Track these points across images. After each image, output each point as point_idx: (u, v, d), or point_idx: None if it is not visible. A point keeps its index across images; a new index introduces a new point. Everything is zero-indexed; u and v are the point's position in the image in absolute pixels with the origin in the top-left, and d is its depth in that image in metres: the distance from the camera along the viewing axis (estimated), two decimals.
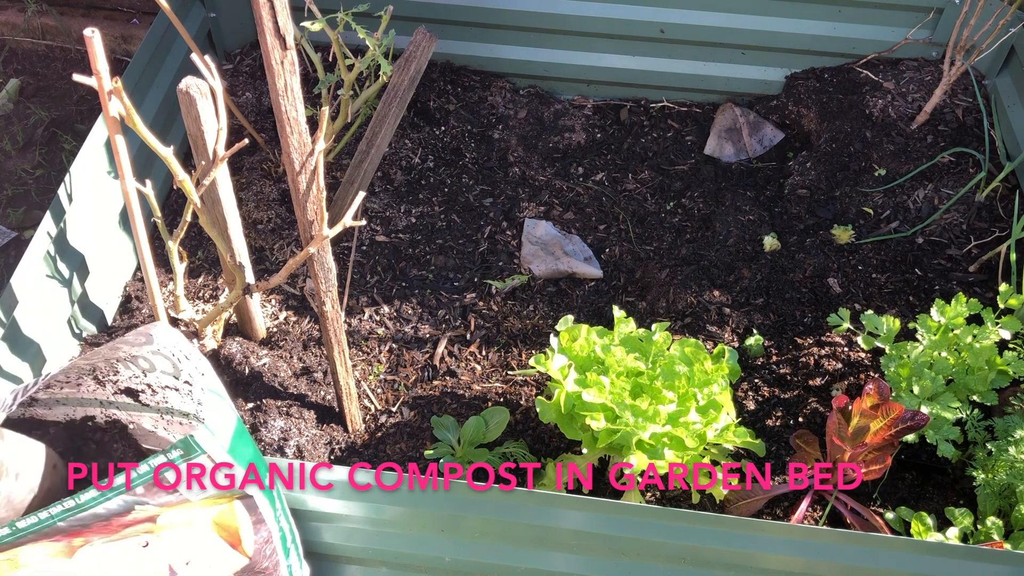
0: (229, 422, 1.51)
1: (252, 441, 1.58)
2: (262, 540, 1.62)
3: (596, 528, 1.72)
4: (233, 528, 1.58)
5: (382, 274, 2.55)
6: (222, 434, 1.48)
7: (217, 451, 1.47)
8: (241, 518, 1.58)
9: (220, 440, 1.47)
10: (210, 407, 1.49)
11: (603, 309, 2.48)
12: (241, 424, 1.55)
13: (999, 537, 1.89)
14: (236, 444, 1.52)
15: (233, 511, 1.57)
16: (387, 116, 2.39)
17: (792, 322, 2.43)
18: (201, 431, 1.43)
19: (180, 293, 2.11)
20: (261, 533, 1.61)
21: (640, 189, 2.81)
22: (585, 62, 3.02)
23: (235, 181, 2.62)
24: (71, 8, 3.33)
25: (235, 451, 1.51)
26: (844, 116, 2.85)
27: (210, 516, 1.57)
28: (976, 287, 2.49)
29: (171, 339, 1.60)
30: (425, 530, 1.78)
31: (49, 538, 1.49)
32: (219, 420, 1.49)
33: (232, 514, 1.57)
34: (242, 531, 1.59)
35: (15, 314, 2.04)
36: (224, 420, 1.50)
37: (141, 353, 1.61)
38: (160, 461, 1.44)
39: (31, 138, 3.08)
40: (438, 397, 2.29)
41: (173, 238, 1.98)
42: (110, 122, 1.64)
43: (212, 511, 1.57)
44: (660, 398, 1.91)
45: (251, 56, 3.03)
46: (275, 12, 1.50)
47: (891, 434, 1.90)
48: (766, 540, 1.70)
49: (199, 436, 1.43)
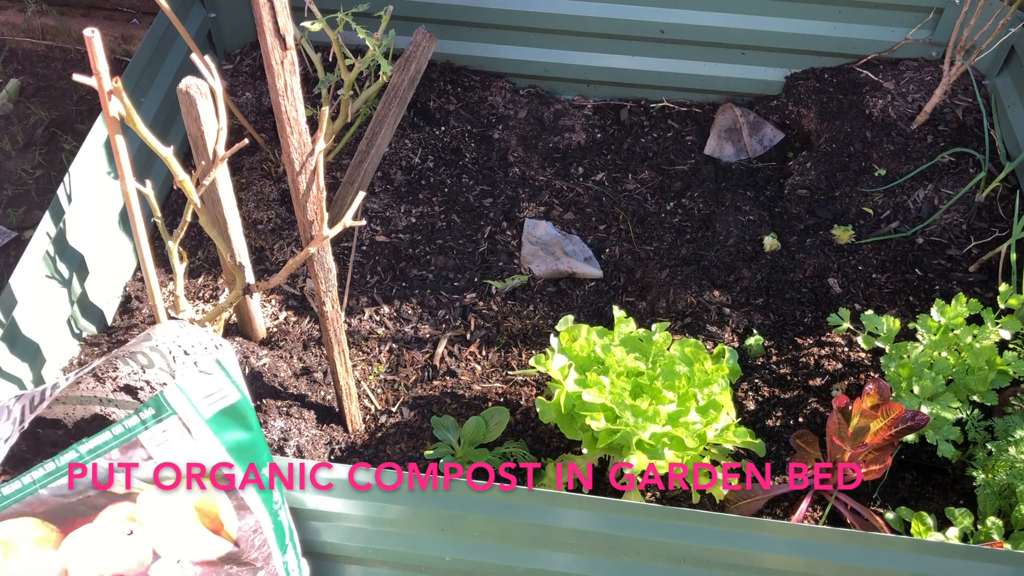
0: (218, 394, 1.49)
1: (255, 428, 1.55)
2: (248, 528, 1.61)
3: (596, 527, 1.72)
4: (213, 512, 1.58)
5: (382, 274, 2.55)
6: (201, 401, 1.45)
7: (191, 416, 1.44)
8: (221, 503, 1.57)
9: (197, 406, 1.44)
10: (194, 373, 1.47)
11: (603, 309, 2.48)
12: (245, 406, 1.52)
13: (999, 537, 1.89)
14: (224, 420, 1.49)
15: (213, 495, 1.57)
16: (387, 116, 2.39)
17: (792, 322, 2.43)
18: (172, 390, 1.40)
19: (180, 293, 2.11)
20: (246, 520, 1.60)
21: (640, 189, 2.81)
22: (585, 62, 3.02)
23: (235, 181, 2.62)
24: (71, 8, 3.33)
25: (221, 428, 1.49)
26: (844, 116, 2.85)
27: (191, 501, 1.56)
28: (976, 287, 2.49)
29: (170, 334, 1.58)
30: (425, 530, 1.78)
31: (34, 513, 1.49)
32: (199, 386, 1.45)
33: (212, 499, 1.57)
34: (223, 515, 1.58)
35: (15, 314, 2.04)
36: (208, 388, 1.47)
37: (140, 349, 1.60)
38: (132, 421, 1.42)
39: (31, 138, 3.09)
40: (438, 397, 2.30)
41: (173, 238, 1.98)
42: (110, 122, 1.64)
43: (194, 495, 1.56)
44: (660, 398, 1.91)
45: (251, 56, 3.03)
46: (275, 12, 1.50)
47: (891, 434, 1.90)
48: (766, 540, 1.70)
49: (169, 394, 1.40)
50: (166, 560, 1.59)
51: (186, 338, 1.60)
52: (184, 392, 1.44)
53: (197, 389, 1.46)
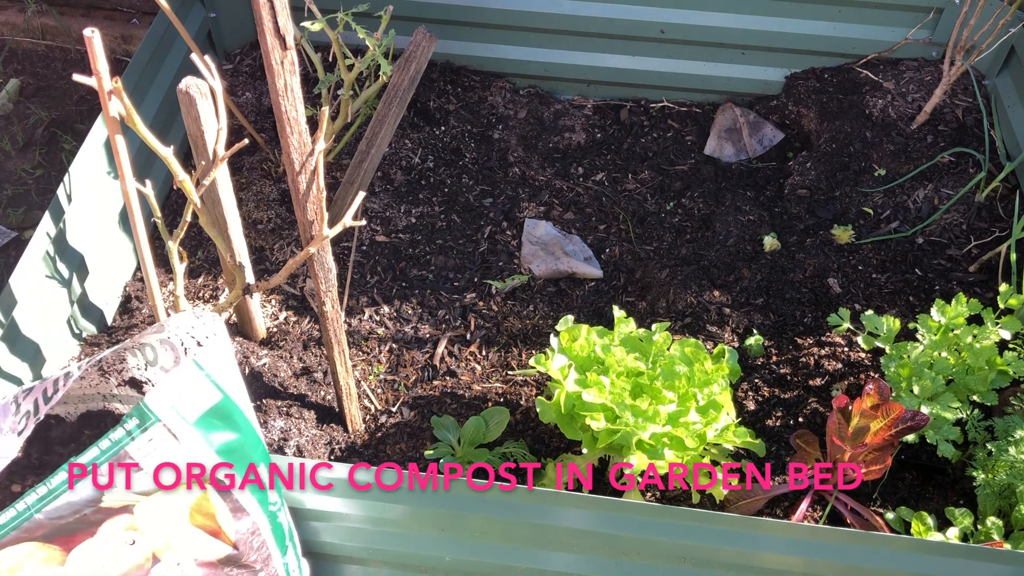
0: (201, 396, 1.45)
1: (246, 428, 1.54)
2: (246, 530, 1.61)
3: (596, 527, 1.72)
4: (210, 514, 1.57)
5: (382, 274, 2.55)
6: (185, 405, 1.41)
7: (175, 422, 1.40)
8: (217, 505, 1.57)
9: (180, 411, 1.41)
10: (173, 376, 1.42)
11: (603, 309, 2.48)
12: (229, 405, 1.49)
13: (999, 537, 1.89)
14: (210, 422, 1.46)
15: (208, 498, 1.56)
16: (387, 116, 2.39)
17: (792, 322, 2.43)
18: (153, 396, 1.36)
19: (180, 293, 2.11)
20: (244, 522, 1.60)
21: (640, 189, 2.81)
22: (585, 62, 3.02)
23: (235, 181, 2.62)
24: (71, 8, 3.33)
25: (205, 428, 1.46)
26: (844, 116, 2.85)
27: (188, 503, 1.55)
28: (976, 287, 2.49)
29: (185, 324, 1.54)
30: (425, 530, 1.78)
31: (33, 537, 1.48)
32: (182, 388, 1.41)
33: (208, 501, 1.56)
34: (220, 518, 1.58)
35: (15, 314, 2.04)
36: (193, 390, 1.43)
37: (150, 341, 1.58)
38: (118, 433, 1.39)
39: (31, 138, 3.09)
40: (438, 397, 2.30)
41: (173, 238, 1.98)
42: (110, 122, 1.64)
43: (190, 498, 1.55)
44: (660, 398, 1.91)
45: (251, 56, 3.03)
46: (275, 12, 1.50)
47: (891, 434, 1.90)
48: (766, 539, 1.70)
49: (151, 401, 1.36)
50: (166, 564, 1.59)
51: (200, 329, 1.57)
52: (164, 396, 1.39)
53: (178, 392, 1.42)
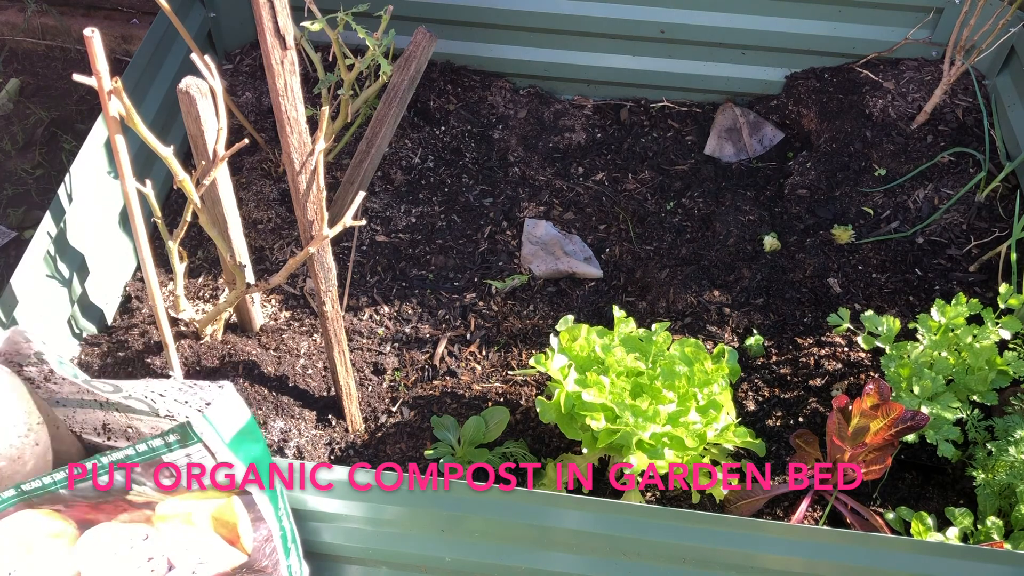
0: (235, 417, 1.51)
1: (261, 438, 1.57)
2: (262, 538, 1.62)
3: (596, 528, 1.72)
4: (232, 524, 1.58)
5: (382, 274, 2.55)
6: (224, 426, 1.48)
7: (214, 441, 1.46)
8: (240, 514, 1.58)
9: (221, 431, 1.47)
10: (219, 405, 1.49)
11: (603, 309, 2.48)
12: (253, 422, 1.55)
13: (999, 537, 1.89)
14: (242, 440, 1.51)
15: (232, 507, 1.57)
16: (387, 116, 2.39)
17: (792, 322, 2.43)
18: (199, 421, 1.44)
19: (180, 293, 2.11)
20: (260, 531, 1.61)
21: (640, 189, 2.81)
22: (585, 62, 3.02)
23: (235, 181, 2.62)
24: (71, 8, 3.33)
25: (238, 447, 1.51)
26: (844, 116, 2.85)
27: (209, 511, 1.56)
28: (976, 287, 2.49)
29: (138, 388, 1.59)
30: (425, 530, 1.78)
31: (52, 506, 1.49)
32: (223, 412, 1.48)
33: (231, 510, 1.57)
34: (240, 527, 1.59)
35: (15, 314, 2.04)
36: (228, 414, 1.50)
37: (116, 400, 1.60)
38: (157, 442, 1.44)
39: (31, 138, 3.09)
40: (438, 397, 2.30)
41: (173, 238, 1.98)
42: (110, 122, 1.64)
43: (211, 505, 1.56)
44: (660, 398, 1.91)
45: (251, 56, 3.03)
46: (275, 12, 1.51)
47: (891, 434, 1.90)
48: (766, 540, 1.70)
49: (196, 425, 1.43)
50: (180, 571, 1.59)
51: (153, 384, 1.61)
52: (210, 422, 1.46)
53: (220, 416, 1.49)
